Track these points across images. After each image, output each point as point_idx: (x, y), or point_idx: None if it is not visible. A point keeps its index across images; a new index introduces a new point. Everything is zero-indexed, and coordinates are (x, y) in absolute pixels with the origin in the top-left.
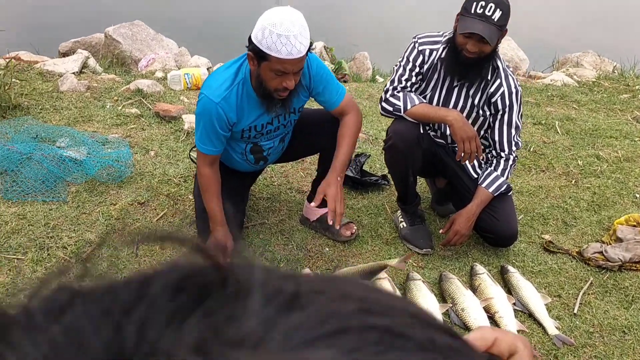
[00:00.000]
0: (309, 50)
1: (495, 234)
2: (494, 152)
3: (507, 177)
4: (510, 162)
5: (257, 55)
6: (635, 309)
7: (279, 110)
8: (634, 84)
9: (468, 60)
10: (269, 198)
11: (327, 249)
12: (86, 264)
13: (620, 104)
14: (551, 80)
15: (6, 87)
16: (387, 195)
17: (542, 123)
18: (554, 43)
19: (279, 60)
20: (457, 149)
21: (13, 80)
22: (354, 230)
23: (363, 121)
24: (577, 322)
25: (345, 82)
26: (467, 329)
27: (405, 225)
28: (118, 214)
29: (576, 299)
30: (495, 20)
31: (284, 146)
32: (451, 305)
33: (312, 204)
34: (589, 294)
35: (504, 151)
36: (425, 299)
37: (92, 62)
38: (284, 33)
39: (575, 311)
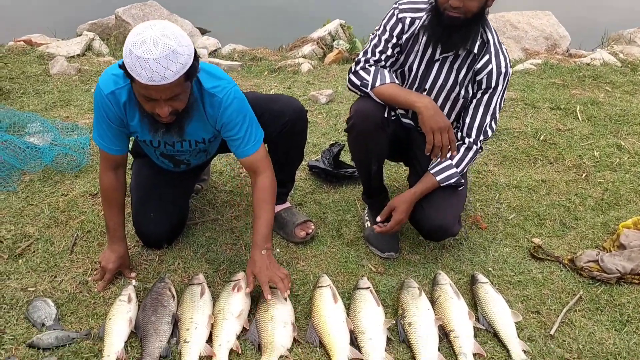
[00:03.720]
0: (190, 75)
1: (420, 224)
2: (459, 135)
3: (463, 170)
4: (472, 152)
5: (126, 72)
6: (628, 332)
7: (169, 136)
8: None
9: (452, 21)
10: (231, 191)
11: (279, 250)
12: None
13: None
14: (591, 60)
15: None
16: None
17: (561, 107)
18: (604, 19)
19: (141, 84)
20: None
21: (2, 63)
22: (310, 231)
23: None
24: (552, 346)
25: None
26: (410, 347)
27: (369, 224)
28: (65, 206)
29: (557, 316)
30: None
31: (208, 156)
32: (399, 317)
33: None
34: (575, 311)
35: (470, 137)
36: (368, 311)
37: (97, 44)
38: (143, 55)
39: (552, 332)
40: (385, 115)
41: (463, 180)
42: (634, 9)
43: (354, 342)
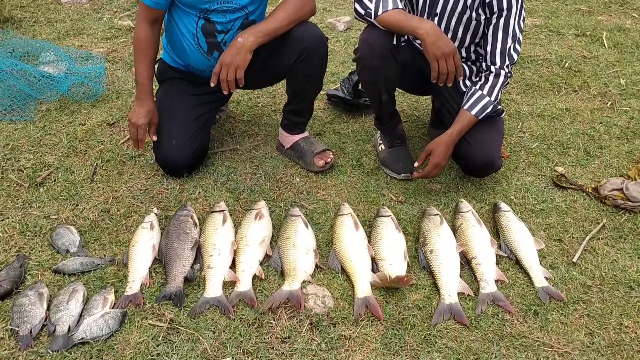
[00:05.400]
0: None
1: (466, 160)
2: (484, 65)
3: (497, 97)
4: (502, 78)
5: None
6: None
7: None
8: None
9: None
10: (249, 121)
11: (298, 179)
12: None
13: None
14: None
15: None
16: None
17: (586, 34)
18: None
19: None
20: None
21: None
22: (329, 160)
23: None
24: (575, 273)
25: None
26: (432, 274)
27: (383, 147)
28: (83, 135)
29: (580, 244)
30: None
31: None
32: (421, 244)
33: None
34: (598, 239)
35: (494, 64)
36: (390, 238)
37: None
38: None
39: (575, 259)
40: (395, 42)
41: (500, 107)
42: None
43: (375, 268)
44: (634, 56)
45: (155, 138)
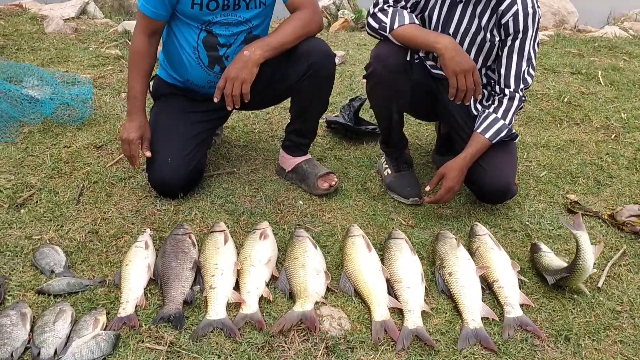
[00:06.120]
0: None
1: (480, 186)
2: (497, 88)
3: (511, 121)
4: (516, 101)
5: None
6: None
7: None
8: None
9: None
10: (246, 146)
11: (301, 202)
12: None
13: None
14: (602, 34)
15: None
16: None
17: (582, 72)
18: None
19: None
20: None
21: None
22: (333, 183)
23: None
24: (601, 299)
25: (364, 30)
26: (452, 297)
27: (390, 172)
28: (68, 157)
29: (602, 270)
30: None
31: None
32: (438, 267)
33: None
34: (619, 266)
35: (508, 87)
36: (405, 260)
37: (92, 7)
38: None
39: (599, 285)
40: (408, 58)
41: (515, 131)
42: None
43: (390, 291)
44: (632, 93)
45: (148, 154)
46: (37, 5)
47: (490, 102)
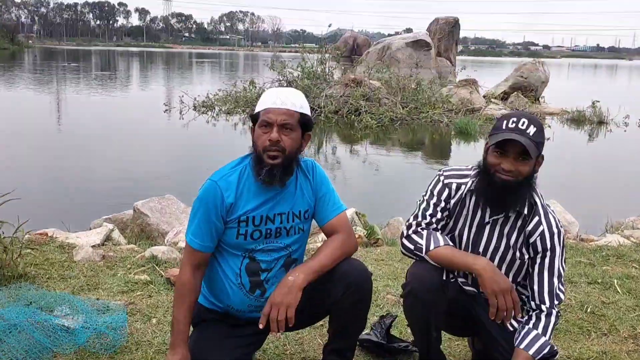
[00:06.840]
0: (305, 123)
1: None
2: (532, 304)
3: (550, 337)
4: (553, 318)
5: (252, 119)
6: None
7: (273, 186)
8: None
9: (504, 183)
10: None
11: None
12: None
13: None
14: (605, 242)
15: (15, 257)
16: None
17: (598, 282)
18: (605, 208)
19: (265, 110)
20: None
21: (27, 250)
22: None
23: (393, 283)
24: None
25: (378, 246)
26: None
27: None
28: None
29: None
30: (531, 134)
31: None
32: None
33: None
34: None
35: (544, 304)
36: None
37: (116, 234)
38: (276, 91)
39: None
40: (444, 277)
41: (556, 348)
42: (630, 199)
43: None
44: None
45: None
46: (63, 233)
47: (526, 318)
